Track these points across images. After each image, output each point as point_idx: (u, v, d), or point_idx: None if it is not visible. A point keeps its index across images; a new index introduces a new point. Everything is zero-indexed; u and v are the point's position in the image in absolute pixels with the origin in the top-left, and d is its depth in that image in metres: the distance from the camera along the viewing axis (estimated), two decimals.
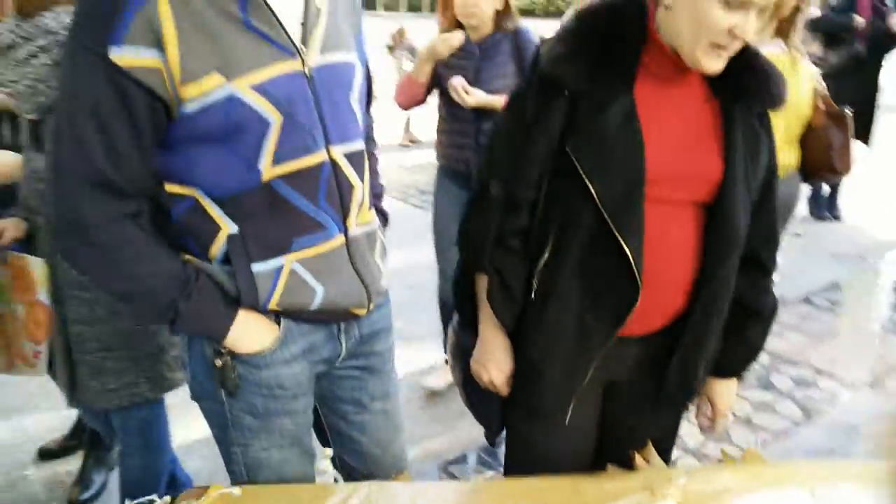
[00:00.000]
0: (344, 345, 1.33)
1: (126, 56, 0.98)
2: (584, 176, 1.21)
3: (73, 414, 2.51)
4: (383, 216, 1.49)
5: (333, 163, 1.17)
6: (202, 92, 1.03)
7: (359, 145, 1.24)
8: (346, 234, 1.23)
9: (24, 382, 2.40)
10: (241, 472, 1.31)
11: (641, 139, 1.19)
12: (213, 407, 1.26)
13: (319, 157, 1.15)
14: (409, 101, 2.71)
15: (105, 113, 1.01)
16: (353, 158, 1.22)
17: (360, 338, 1.36)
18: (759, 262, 1.38)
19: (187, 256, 1.16)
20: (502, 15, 2.53)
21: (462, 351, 1.51)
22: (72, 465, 2.47)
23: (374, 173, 1.47)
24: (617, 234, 1.21)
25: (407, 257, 3.85)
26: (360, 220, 1.27)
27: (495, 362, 1.41)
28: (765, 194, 1.33)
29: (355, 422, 1.43)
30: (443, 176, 2.78)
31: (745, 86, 1.24)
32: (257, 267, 1.16)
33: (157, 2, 0.99)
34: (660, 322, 1.33)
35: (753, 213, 1.31)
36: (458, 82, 2.50)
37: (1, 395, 2.79)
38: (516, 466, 1.47)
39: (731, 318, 1.37)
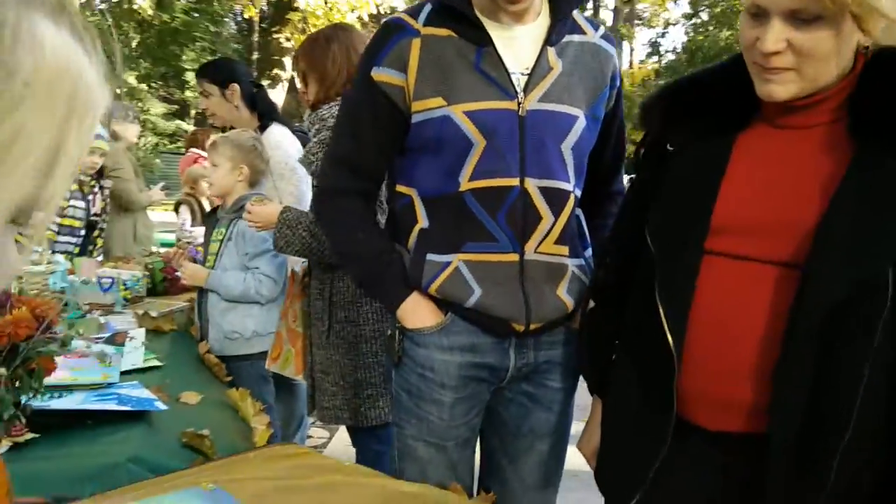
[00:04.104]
0: (513, 359, 1.39)
1: (381, 74, 1.33)
2: (647, 221, 1.13)
3: None
4: None
5: (525, 191, 1.32)
6: (425, 108, 1.32)
7: (560, 185, 1.35)
8: (521, 255, 1.35)
9: None
10: (395, 456, 1.45)
11: (717, 185, 1.07)
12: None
13: (511, 182, 1.31)
14: None
15: (359, 113, 1.39)
16: (550, 193, 1.34)
17: (535, 363, 1.41)
18: None
19: (395, 243, 1.44)
20: None
21: None
22: None
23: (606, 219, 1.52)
24: (656, 286, 1.07)
25: None
26: (544, 248, 1.36)
27: (587, 434, 1.37)
28: None
29: (508, 448, 1.47)
30: None
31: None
32: (431, 256, 1.37)
33: (412, 40, 1.32)
34: (738, 420, 1.05)
35: None
36: None
37: None
38: None
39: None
